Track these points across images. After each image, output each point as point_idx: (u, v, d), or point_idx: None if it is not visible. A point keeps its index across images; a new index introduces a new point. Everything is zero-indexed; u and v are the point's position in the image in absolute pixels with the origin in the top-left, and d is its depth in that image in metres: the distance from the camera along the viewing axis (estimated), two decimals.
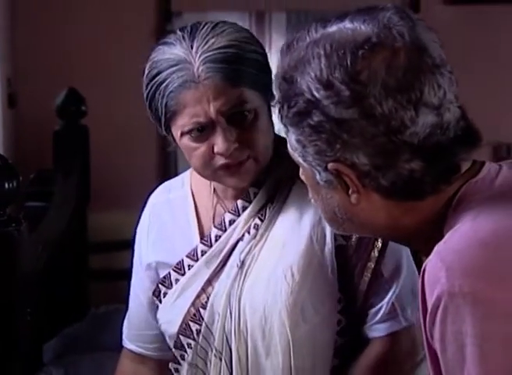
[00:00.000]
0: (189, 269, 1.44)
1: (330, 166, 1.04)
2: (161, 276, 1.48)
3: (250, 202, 1.42)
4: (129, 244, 1.59)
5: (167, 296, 1.46)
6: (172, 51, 1.35)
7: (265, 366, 1.37)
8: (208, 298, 1.41)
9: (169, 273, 1.46)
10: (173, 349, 1.45)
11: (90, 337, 2.82)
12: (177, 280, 1.45)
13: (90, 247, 3.42)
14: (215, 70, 1.32)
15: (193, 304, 1.42)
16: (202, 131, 1.34)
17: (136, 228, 1.57)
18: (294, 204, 1.41)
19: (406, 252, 1.41)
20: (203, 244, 1.44)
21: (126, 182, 3.69)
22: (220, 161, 1.35)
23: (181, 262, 1.45)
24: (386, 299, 1.40)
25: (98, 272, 3.61)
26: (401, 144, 1.01)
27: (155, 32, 3.62)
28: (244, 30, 1.38)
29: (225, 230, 1.43)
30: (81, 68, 3.66)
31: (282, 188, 1.42)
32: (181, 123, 1.35)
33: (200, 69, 1.32)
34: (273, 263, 1.38)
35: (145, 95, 1.39)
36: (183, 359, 1.44)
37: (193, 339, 1.42)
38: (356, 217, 1.09)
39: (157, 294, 1.48)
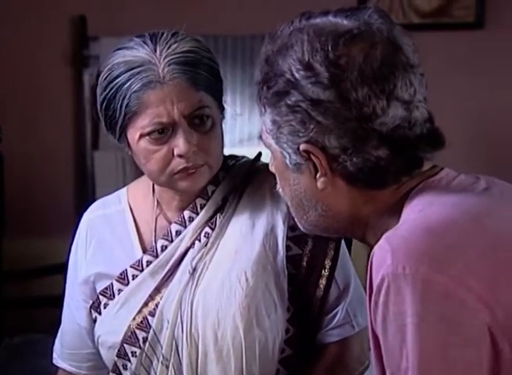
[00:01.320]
0: (133, 279, 1.45)
1: (302, 146, 1.09)
2: (102, 287, 1.47)
3: (197, 213, 1.44)
4: (45, 271, 1.57)
5: (108, 307, 1.46)
6: (134, 54, 1.37)
7: (216, 371, 1.38)
8: (156, 306, 1.41)
9: (112, 284, 1.46)
10: (115, 358, 1.43)
11: (2, 369, 2.75)
12: (120, 291, 1.45)
13: (5, 275, 3.35)
14: (179, 72, 1.34)
15: (139, 312, 1.42)
16: (162, 133, 1.36)
17: (55, 253, 1.55)
18: (245, 213, 1.44)
19: (352, 267, 1.48)
20: (148, 254, 1.45)
21: (42, 209, 3.63)
22: (179, 165, 1.36)
23: (124, 273, 1.45)
24: (341, 306, 1.46)
25: (13, 300, 3.52)
26: (371, 131, 1.07)
27: (71, 57, 3.58)
28: (200, 39, 1.42)
29: (172, 241, 1.44)
30: None
31: (230, 199, 1.45)
32: (141, 125, 1.36)
33: (165, 70, 1.34)
34: (227, 268, 1.40)
35: (102, 98, 1.39)
36: (125, 369, 1.43)
37: (139, 347, 1.41)
38: (320, 204, 1.14)
39: (96, 305, 1.47)
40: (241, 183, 1.47)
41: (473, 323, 0.97)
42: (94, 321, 1.48)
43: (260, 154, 1.53)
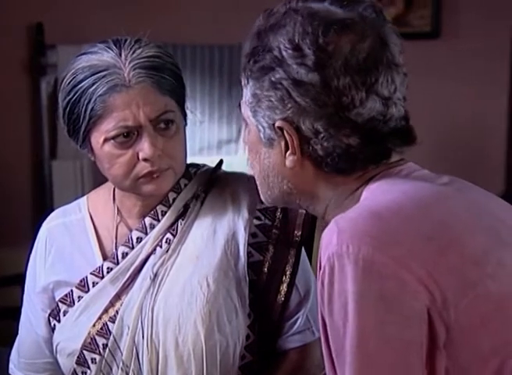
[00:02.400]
0: (93, 286, 1.44)
1: (277, 123, 1.12)
2: (61, 295, 1.46)
3: (158, 220, 1.45)
4: (2, 282, 1.55)
5: (68, 314, 1.45)
6: (98, 58, 1.36)
7: None
8: (117, 312, 1.41)
9: (71, 291, 1.45)
10: (75, 366, 1.42)
11: None
12: (80, 298, 1.44)
13: None
14: (145, 76, 1.35)
15: (99, 318, 1.42)
16: (127, 137, 1.36)
17: (12, 264, 1.54)
18: (207, 220, 1.45)
19: (313, 274, 1.49)
20: (109, 261, 1.45)
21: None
22: (144, 169, 1.37)
23: (85, 280, 1.45)
24: (301, 312, 1.48)
25: None
26: (346, 119, 1.10)
27: (28, 65, 3.55)
28: (162, 46, 1.43)
29: (133, 247, 1.44)
30: None
31: (192, 206, 1.45)
32: (106, 128, 1.35)
33: (130, 74, 1.35)
34: (188, 274, 1.40)
35: (65, 103, 1.38)
36: None
37: (99, 353, 1.40)
38: (286, 181, 1.17)
39: (55, 313, 1.46)
40: (203, 190, 1.47)
41: (412, 304, 0.99)
42: (53, 329, 1.47)
43: (221, 161, 1.54)
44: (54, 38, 3.50)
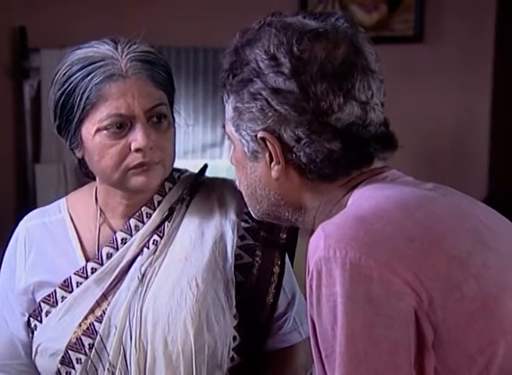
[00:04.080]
0: (77, 286, 1.44)
1: (259, 134, 1.15)
2: (43, 296, 1.45)
3: (142, 222, 1.45)
4: None
5: (50, 314, 1.44)
6: (95, 50, 1.38)
7: None
8: (103, 312, 1.41)
9: (55, 291, 1.44)
10: (59, 365, 1.42)
11: None
12: (64, 298, 1.44)
13: None
14: (141, 68, 1.37)
15: (86, 318, 1.41)
16: (120, 128, 1.37)
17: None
18: (193, 222, 1.46)
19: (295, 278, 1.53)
20: (93, 262, 1.44)
21: None
22: (135, 160, 1.37)
23: (68, 280, 1.44)
24: (289, 313, 1.51)
25: None
26: (326, 125, 1.12)
27: (11, 69, 3.54)
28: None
29: (117, 248, 1.44)
30: None
31: (177, 209, 1.47)
32: (99, 117, 1.36)
33: (127, 65, 1.37)
34: (177, 275, 1.41)
35: (58, 95, 1.40)
36: None
37: (85, 353, 1.40)
38: (273, 193, 1.19)
39: (37, 313, 1.45)
40: (188, 194, 1.49)
41: (399, 306, 1.01)
42: (33, 330, 1.46)
43: (206, 166, 1.54)
44: (37, 42, 3.49)
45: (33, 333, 1.46)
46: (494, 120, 3.98)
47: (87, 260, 1.46)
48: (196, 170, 1.55)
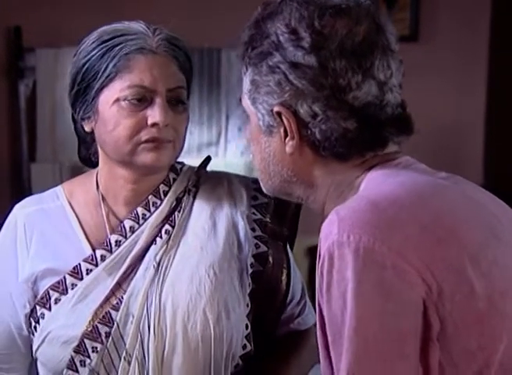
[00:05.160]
0: (87, 273, 1.43)
1: (275, 108, 1.14)
2: (50, 283, 1.43)
3: (149, 211, 1.46)
4: None
5: (61, 302, 1.42)
6: (126, 26, 1.42)
7: (183, 365, 1.38)
8: (120, 300, 1.41)
9: (64, 278, 1.43)
10: (73, 354, 1.40)
11: None
12: (74, 285, 1.42)
13: None
14: (171, 49, 1.41)
15: (101, 306, 1.41)
16: (140, 101, 1.38)
17: None
18: (204, 213, 1.48)
19: None
20: (102, 249, 1.44)
21: None
22: (149, 134, 1.38)
23: (78, 267, 1.43)
24: (304, 298, 1.58)
25: None
26: (343, 102, 1.11)
27: (7, 68, 3.53)
28: None
29: (126, 236, 1.45)
30: None
31: (185, 200, 1.48)
32: (122, 87, 1.37)
33: (158, 43, 1.40)
34: (194, 263, 1.42)
35: (83, 62, 1.40)
36: (83, 366, 1.40)
37: (101, 342, 1.39)
38: (286, 169, 1.18)
39: (44, 301, 1.43)
40: (193, 185, 1.50)
41: (410, 294, 1.00)
42: (38, 319, 1.44)
43: (209, 158, 1.56)
44: (32, 41, 3.49)
45: (38, 322, 1.44)
46: (489, 119, 3.99)
47: (93, 247, 1.45)
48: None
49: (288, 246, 1.53)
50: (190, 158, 1.37)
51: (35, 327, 1.45)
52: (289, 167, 1.18)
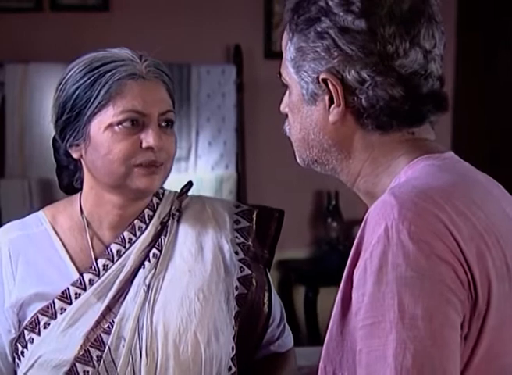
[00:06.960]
0: (76, 298, 1.44)
1: (322, 75, 1.13)
2: (38, 308, 1.43)
3: (135, 235, 1.48)
4: None
5: (50, 326, 1.42)
6: (113, 53, 1.45)
7: None
8: (111, 324, 1.42)
9: (53, 303, 1.43)
10: None
11: None
12: (63, 309, 1.43)
13: None
14: (158, 74, 1.46)
15: (92, 330, 1.41)
16: (133, 125, 1.41)
17: None
18: (190, 237, 1.51)
19: None
20: (90, 273, 1.45)
21: None
22: (144, 157, 1.41)
23: (67, 291, 1.44)
24: (283, 320, 1.61)
25: None
26: (391, 69, 1.11)
27: None
28: None
29: (113, 260, 1.46)
30: None
31: (170, 224, 1.51)
32: (115, 112, 1.40)
33: (147, 69, 1.44)
34: (184, 286, 1.45)
35: (74, 88, 1.42)
36: None
37: (93, 366, 1.40)
38: (326, 138, 1.17)
39: (33, 326, 1.43)
40: (176, 209, 1.53)
41: (462, 293, 1.02)
42: (26, 344, 1.43)
43: (191, 183, 1.58)
44: (1, 56, 3.48)
45: (26, 347, 1.44)
46: (455, 118, 4.07)
47: (79, 271, 1.46)
48: (165, 185, 1.56)
49: (267, 269, 1.56)
50: None
51: (22, 352, 1.45)
52: (329, 136, 1.17)
